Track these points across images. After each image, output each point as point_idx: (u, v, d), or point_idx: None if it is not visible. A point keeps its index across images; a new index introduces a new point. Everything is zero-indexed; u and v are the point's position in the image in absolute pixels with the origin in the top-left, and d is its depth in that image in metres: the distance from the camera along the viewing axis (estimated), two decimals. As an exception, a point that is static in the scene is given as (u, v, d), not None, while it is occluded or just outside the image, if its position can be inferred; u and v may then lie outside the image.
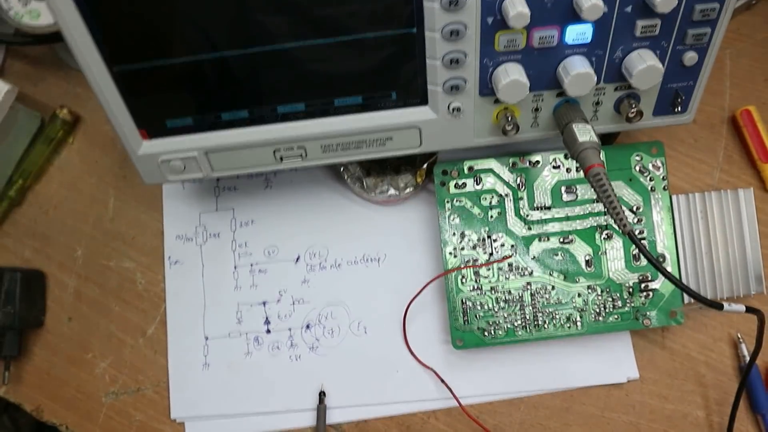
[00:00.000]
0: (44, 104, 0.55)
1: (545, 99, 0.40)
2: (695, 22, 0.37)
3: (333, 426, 0.49)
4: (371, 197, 0.49)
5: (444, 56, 0.37)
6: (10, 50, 0.56)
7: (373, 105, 0.40)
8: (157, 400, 0.49)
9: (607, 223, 0.47)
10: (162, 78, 0.38)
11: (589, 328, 0.46)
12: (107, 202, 0.53)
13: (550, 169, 0.47)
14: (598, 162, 0.37)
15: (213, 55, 0.37)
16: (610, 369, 0.48)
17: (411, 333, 0.49)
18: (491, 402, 0.48)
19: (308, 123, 0.41)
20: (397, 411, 0.48)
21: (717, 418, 0.48)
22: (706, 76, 0.40)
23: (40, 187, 0.54)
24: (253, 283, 0.50)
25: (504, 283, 0.47)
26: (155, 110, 0.40)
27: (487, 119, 0.41)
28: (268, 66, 0.38)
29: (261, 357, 0.49)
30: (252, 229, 0.51)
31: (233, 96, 0.39)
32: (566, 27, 0.36)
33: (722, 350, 0.48)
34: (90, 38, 0.36)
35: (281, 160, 0.42)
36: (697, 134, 0.52)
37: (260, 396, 0.49)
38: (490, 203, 0.47)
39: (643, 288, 0.46)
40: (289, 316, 0.50)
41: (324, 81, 0.39)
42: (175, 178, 0.43)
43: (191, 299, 0.51)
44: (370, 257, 0.50)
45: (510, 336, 0.47)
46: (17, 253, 0.53)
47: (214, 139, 0.41)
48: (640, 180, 0.47)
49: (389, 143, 0.42)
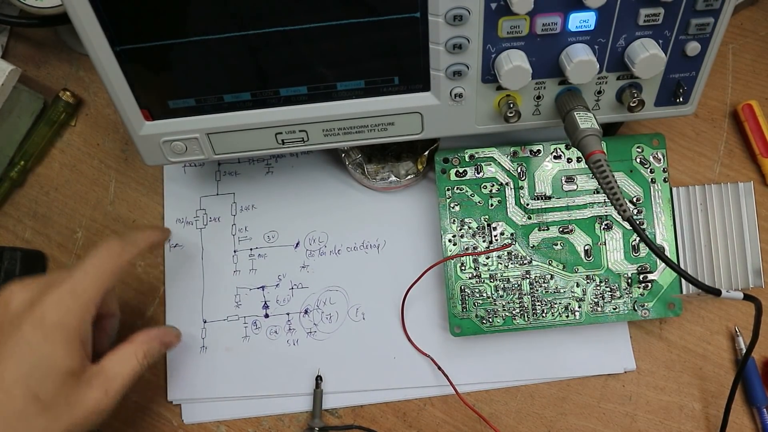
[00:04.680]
0: (47, 87, 0.55)
1: (547, 86, 0.40)
2: (698, 12, 0.37)
3: (329, 411, 0.49)
4: (372, 184, 0.50)
5: (447, 41, 0.37)
6: (13, 33, 0.56)
7: (375, 89, 0.40)
8: (155, 382, 0.50)
9: (607, 213, 0.47)
10: (165, 59, 0.38)
11: (587, 318, 0.47)
12: (108, 185, 0.54)
13: (551, 158, 0.47)
14: (600, 149, 0.37)
15: (216, 37, 0.37)
16: (607, 359, 0.48)
17: (409, 320, 0.49)
18: (488, 390, 0.49)
19: (310, 106, 0.41)
20: (393, 397, 0.49)
21: (713, 410, 0.48)
22: (708, 67, 0.40)
23: (41, 169, 0.54)
24: (252, 268, 0.51)
25: (503, 271, 0.47)
26: (158, 91, 0.40)
27: (488, 106, 0.41)
28: (270, 49, 0.38)
29: (259, 341, 0.50)
30: (252, 214, 0.51)
31: (236, 78, 0.40)
32: (569, 14, 0.37)
33: (719, 343, 0.49)
34: (95, 17, 0.36)
35: (283, 143, 0.42)
36: (698, 128, 0.52)
37: (257, 380, 0.49)
38: (491, 192, 0.47)
39: (641, 279, 0.47)
40: (288, 301, 0.50)
41: (327, 64, 0.39)
42: (177, 159, 0.43)
43: (190, 282, 0.51)
44: (370, 243, 0.50)
45: (508, 324, 0.47)
46: (18, 233, 0.53)
47: (216, 121, 0.41)
48: (641, 171, 0.47)
49: (391, 128, 0.42)
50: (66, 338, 0.36)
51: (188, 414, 0.49)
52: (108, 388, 0.38)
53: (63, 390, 0.36)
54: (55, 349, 0.36)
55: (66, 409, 0.36)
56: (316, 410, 0.48)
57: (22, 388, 0.35)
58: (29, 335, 0.35)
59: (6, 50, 0.56)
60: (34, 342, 0.35)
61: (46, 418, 0.35)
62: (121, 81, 0.39)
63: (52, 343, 0.36)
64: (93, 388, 0.37)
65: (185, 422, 0.49)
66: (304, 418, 0.49)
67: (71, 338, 0.36)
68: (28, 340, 0.35)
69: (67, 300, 0.37)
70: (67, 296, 0.37)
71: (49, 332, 0.36)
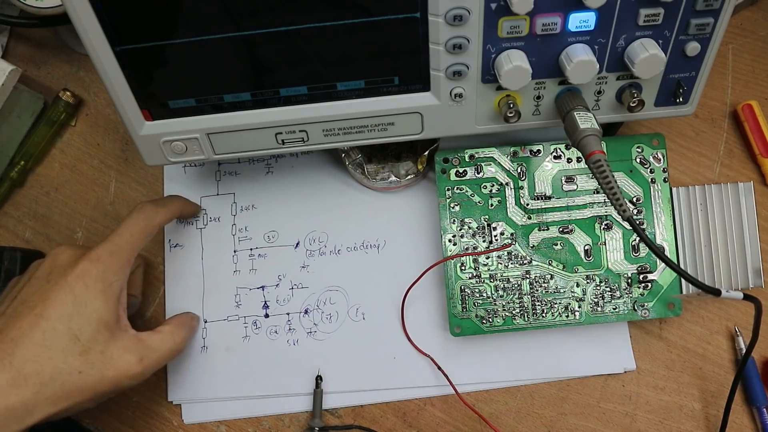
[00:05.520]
0: (47, 87, 0.56)
1: (547, 87, 0.40)
2: (698, 12, 0.37)
3: (329, 411, 0.49)
4: (372, 184, 0.50)
5: (447, 41, 0.37)
6: (13, 33, 0.56)
7: (375, 89, 0.40)
8: (155, 382, 0.50)
9: (607, 213, 0.47)
10: (165, 59, 0.38)
11: (587, 318, 0.47)
12: (108, 185, 0.54)
13: (551, 158, 0.47)
14: (599, 149, 0.37)
15: (216, 37, 0.37)
16: (607, 359, 0.48)
17: (409, 320, 0.49)
18: (488, 390, 0.49)
19: (310, 106, 0.41)
20: (393, 397, 0.49)
21: (713, 410, 0.48)
22: (708, 67, 0.40)
23: (41, 169, 0.54)
24: (252, 268, 0.51)
25: (503, 271, 0.47)
26: (158, 91, 0.40)
27: (488, 106, 0.41)
28: (270, 49, 0.38)
29: (259, 341, 0.50)
30: (253, 214, 0.51)
31: (236, 78, 0.40)
32: (569, 14, 0.37)
33: (719, 343, 0.49)
34: (95, 17, 0.36)
35: (283, 143, 0.42)
36: (698, 128, 0.52)
37: (257, 380, 0.49)
38: (491, 192, 0.47)
39: (641, 279, 0.47)
40: (288, 301, 0.50)
41: (327, 64, 0.39)
42: (177, 159, 0.43)
43: (190, 282, 0.51)
44: (370, 243, 0.51)
45: (508, 324, 0.47)
46: (18, 233, 0.53)
47: (217, 121, 0.41)
48: (641, 171, 0.47)
49: (391, 128, 0.42)
50: (103, 291, 0.41)
51: (188, 414, 0.49)
52: (144, 356, 0.41)
53: (99, 338, 0.40)
54: (95, 298, 0.40)
55: (100, 358, 0.40)
56: (316, 410, 0.48)
57: (65, 326, 0.39)
58: (73, 283, 0.40)
59: (6, 50, 0.56)
60: (77, 289, 0.40)
61: (81, 360, 0.39)
62: (121, 81, 0.39)
63: (93, 292, 0.40)
64: (129, 351, 0.41)
65: (185, 422, 0.49)
66: (304, 418, 0.49)
67: (108, 292, 0.41)
68: (72, 287, 0.40)
69: (106, 257, 0.41)
70: (106, 254, 0.42)
71: (90, 283, 0.40)
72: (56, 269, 0.41)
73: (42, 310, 0.39)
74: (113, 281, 0.41)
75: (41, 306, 0.39)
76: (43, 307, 0.39)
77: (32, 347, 0.38)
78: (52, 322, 0.39)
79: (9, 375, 0.37)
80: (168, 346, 0.44)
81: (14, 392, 0.37)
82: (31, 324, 0.39)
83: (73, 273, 0.40)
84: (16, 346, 0.38)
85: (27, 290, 0.41)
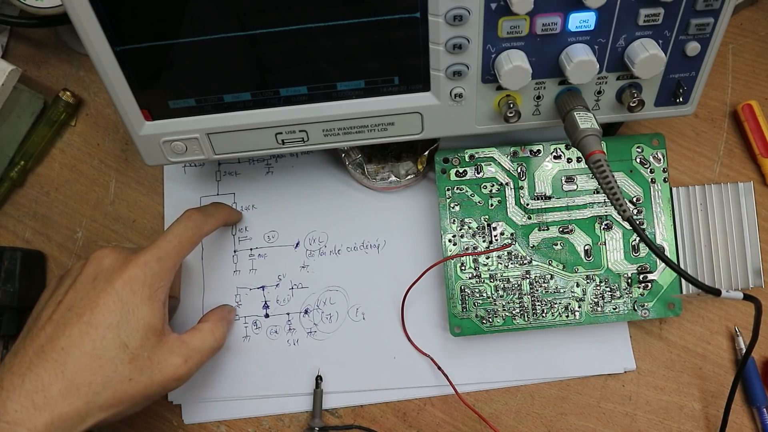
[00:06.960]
0: (47, 87, 0.56)
1: (547, 87, 0.40)
2: (698, 12, 0.37)
3: (329, 411, 0.49)
4: (372, 184, 0.50)
5: (447, 41, 0.37)
6: (13, 33, 0.56)
7: (375, 90, 0.40)
8: (155, 383, 0.50)
9: (607, 213, 0.47)
10: (165, 59, 0.38)
11: (587, 318, 0.47)
12: (108, 185, 0.54)
13: (551, 158, 0.47)
14: (599, 149, 0.37)
15: (216, 37, 0.37)
16: (607, 359, 0.48)
17: (409, 320, 0.49)
18: (488, 390, 0.49)
19: (310, 106, 0.41)
20: (393, 397, 0.49)
21: (713, 410, 0.48)
22: (708, 67, 0.40)
23: (41, 169, 0.54)
24: (252, 268, 0.51)
25: (503, 271, 0.47)
26: (158, 91, 0.40)
27: (488, 106, 0.41)
28: (270, 49, 0.38)
29: (259, 341, 0.50)
30: (252, 214, 0.51)
31: (236, 78, 0.40)
32: (569, 14, 0.37)
33: (719, 343, 0.49)
34: (95, 17, 0.36)
35: (283, 143, 0.42)
36: (698, 128, 0.52)
37: (257, 380, 0.49)
38: (491, 192, 0.47)
39: (641, 279, 0.47)
40: (288, 301, 0.50)
41: (327, 65, 0.39)
42: (177, 159, 0.43)
43: (190, 282, 0.51)
44: (370, 243, 0.51)
45: (508, 324, 0.47)
46: (18, 233, 0.53)
47: (217, 121, 0.41)
48: (641, 171, 0.47)
49: (391, 128, 0.42)
50: (150, 297, 0.40)
51: (188, 414, 0.49)
52: (188, 357, 0.42)
53: (147, 344, 0.40)
54: (142, 304, 0.40)
55: (148, 364, 0.40)
56: (316, 410, 0.48)
57: (114, 334, 0.39)
58: (120, 289, 0.40)
59: (6, 50, 0.56)
60: (124, 296, 0.40)
61: (131, 368, 0.39)
62: (121, 81, 0.39)
63: (140, 298, 0.40)
64: (174, 354, 0.41)
65: (185, 422, 0.49)
66: (304, 418, 0.49)
67: (155, 298, 0.41)
68: (119, 293, 0.40)
69: (153, 263, 0.41)
70: (153, 260, 0.41)
71: (137, 289, 0.40)
72: (102, 274, 0.41)
73: (90, 318, 0.39)
74: (159, 287, 0.41)
75: (89, 314, 0.39)
76: (91, 315, 0.39)
77: (83, 357, 0.38)
78: (102, 330, 0.39)
79: (62, 385, 0.37)
80: (209, 345, 0.44)
81: (67, 402, 0.37)
82: (81, 333, 0.38)
83: (120, 279, 0.40)
84: (68, 355, 0.38)
85: (73, 295, 0.40)
